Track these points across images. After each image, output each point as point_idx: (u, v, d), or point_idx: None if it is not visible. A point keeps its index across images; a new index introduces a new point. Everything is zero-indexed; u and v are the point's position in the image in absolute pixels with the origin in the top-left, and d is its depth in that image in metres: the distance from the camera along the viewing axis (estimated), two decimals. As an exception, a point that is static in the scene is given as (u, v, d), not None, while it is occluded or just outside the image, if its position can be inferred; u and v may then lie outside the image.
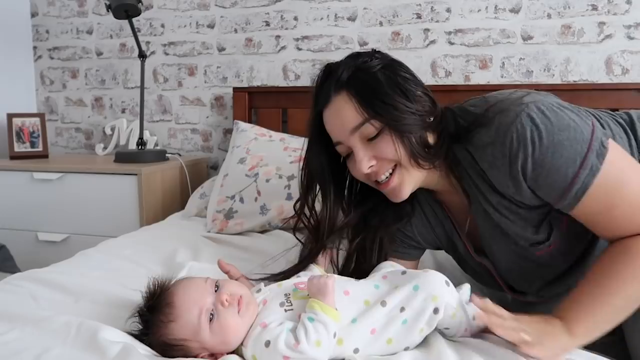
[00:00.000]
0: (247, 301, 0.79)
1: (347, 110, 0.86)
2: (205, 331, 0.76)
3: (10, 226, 1.98)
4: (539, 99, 0.82)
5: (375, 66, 0.87)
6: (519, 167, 0.79)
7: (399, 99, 0.85)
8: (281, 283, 0.85)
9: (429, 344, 0.80)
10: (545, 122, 0.77)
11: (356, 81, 0.87)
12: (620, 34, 1.79)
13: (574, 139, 0.76)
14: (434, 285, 0.78)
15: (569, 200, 0.78)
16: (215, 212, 1.61)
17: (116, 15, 1.94)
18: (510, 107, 0.81)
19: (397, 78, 0.87)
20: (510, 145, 0.79)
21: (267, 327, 0.74)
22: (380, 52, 0.93)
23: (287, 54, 2.13)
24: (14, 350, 0.72)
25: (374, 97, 0.85)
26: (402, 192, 0.90)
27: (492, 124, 0.82)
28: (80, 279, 1.06)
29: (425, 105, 0.88)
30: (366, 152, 0.87)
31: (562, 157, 0.76)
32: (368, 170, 0.87)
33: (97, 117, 2.44)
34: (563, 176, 0.77)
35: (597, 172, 0.76)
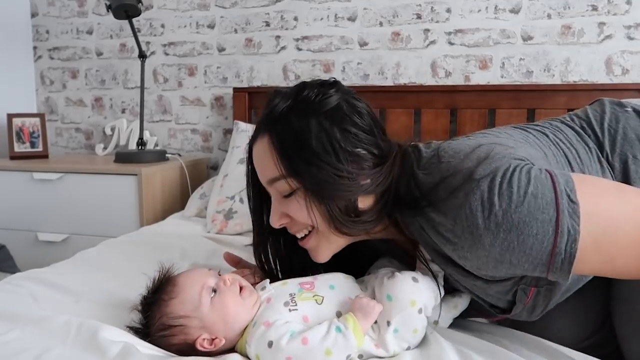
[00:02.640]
0: (250, 290, 0.81)
1: (266, 160, 0.78)
2: (205, 305, 0.76)
3: (10, 226, 1.98)
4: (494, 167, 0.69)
5: (314, 110, 0.76)
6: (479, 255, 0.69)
7: (327, 158, 0.73)
8: (286, 281, 0.84)
9: (429, 343, 0.80)
10: (499, 202, 0.66)
11: (283, 126, 0.76)
12: (620, 34, 1.79)
13: (536, 208, 0.65)
14: (405, 290, 0.77)
15: (558, 274, 0.66)
16: (215, 212, 1.61)
17: (116, 15, 1.94)
18: (460, 186, 0.69)
19: (334, 130, 0.74)
20: (463, 235, 0.69)
21: (270, 325, 0.74)
22: (337, 86, 0.80)
23: (287, 54, 2.13)
24: (14, 350, 0.72)
25: (295, 151, 0.74)
26: (320, 256, 0.83)
27: (441, 206, 0.71)
28: (80, 279, 1.06)
29: (365, 167, 0.75)
30: (279, 207, 0.80)
31: (530, 235, 0.65)
32: (278, 226, 0.82)
33: (97, 117, 2.44)
34: (540, 252, 0.65)
35: (578, 236, 0.64)
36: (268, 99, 0.82)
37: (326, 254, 0.83)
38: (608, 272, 0.69)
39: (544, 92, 1.80)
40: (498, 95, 1.84)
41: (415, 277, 0.79)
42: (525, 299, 0.77)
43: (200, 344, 0.76)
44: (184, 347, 0.77)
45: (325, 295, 0.79)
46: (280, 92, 0.81)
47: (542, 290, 0.75)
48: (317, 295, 0.79)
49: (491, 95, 1.85)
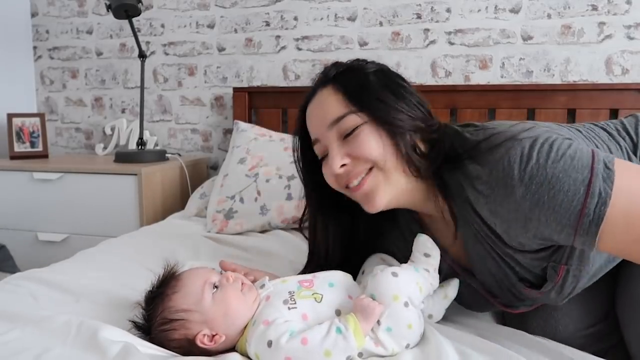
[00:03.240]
0: (249, 286, 0.81)
1: (331, 102, 0.82)
2: (207, 300, 0.77)
3: (10, 226, 1.98)
4: (538, 133, 0.73)
5: (368, 68, 0.85)
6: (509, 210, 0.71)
7: (388, 96, 0.80)
8: (286, 279, 0.84)
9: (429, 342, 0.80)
10: (536, 157, 0.69)
11: (345, 77, 0.84)
12: (620, 34, 1.79)
13: (572, 167, 0.67)
14: (385, 286, 0.77)
15: (583, 237, 0.67)
16: (215, 212, 1.61)
17: (116, 15, 1.94)
18: (503, 142, 0.73)
19: (389, 81, 0.83)
20: (496, 187, 0.71)
21: (270, 324, 0.74)
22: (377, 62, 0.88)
23: (287, 54, 2.13)
24: (14, 350, 0.72)
25: (362, 91, 0.81)
26: (377, 199, 0.81)
27: (481, 159, 0.75)
28: (80, 278, 1.06)
29: (419, 112, 0.82)
30: (340, 149, 0.81)
31: (562, 191, 0.66)
32: (340, 170, 0.81)
33: (97, 117, 2.44)
34: (568, 211, 0.66)
35: (608, 199, 0.64)
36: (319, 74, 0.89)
37: (384, 196, 0.81)
38: (634, 251, 0.68)
39: (544, 92, 1.80)
40: (498, 95, 1.84)
41: (394, 272, 0.79)
42: (556, 277, 0.77)
43: (200, 340, 0.76)
44: (185, 343, 0.77)
45: (324, 293, 0.79)
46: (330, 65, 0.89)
47: (572, 269, 0.76)
48: (317, 293, 0.79)
49: (491, 95, 1.85)
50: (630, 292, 0.83)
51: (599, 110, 1.74)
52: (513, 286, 0.84)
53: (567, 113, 1.79)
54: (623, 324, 0.84)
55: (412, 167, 0.79)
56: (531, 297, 0.84)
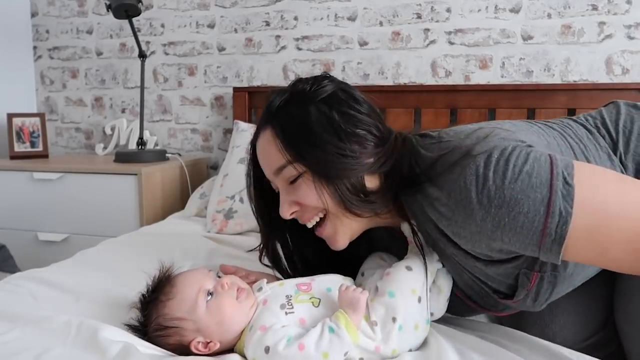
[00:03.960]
0: (247, 293, 0.80)
1: (271, 150, 0.79)
2: (201, 308, 0.76)
3: (10, 226, 1.98)
4: (492, 146, 0.69)
5: (311, 98, 0.78)
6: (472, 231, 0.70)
7: (329, 138, 0.75)
8: (283, 282, 0.84)
9: (429, 344, 0.80)
10: (493, 177, 0.66)
11: (284, 116, 0.79)
12: (620, 34, 1.79)
13: (530, 187, 0.65)
14: (404, 280, 0.79)
15: (547, 254, 0.66)
16: (215, 212, 1.61)
17: (116, 15, 1.94)
18: (457, 160, 0.71)
19: (332, 114, 0.76)
20: (456, 209, 0.69)
21: (267, 330, 0.73)
22: (330, 78, 0.83)
23: (287, 54, 2.13)
24: (14, 350, 0.72)
25: (298, 136, 0.76)
26: (339, 242, 0.82)
27: (438, 180, 0.73)
28: (80, 278, 1.06)
29: (367, 146, 0.77)
30: (288, 196, 0.80)
31: (521, 213, 0.65)
32: (289, 216, 0.81)
33: (97, 117, 2.44)
34: (530, 231, 0.65)
35: (569, 218, 0.63)
36: (266, 99, 0.84)
37: (344, 239, 0.82)
38: (601, 263, 0.68)
39: (544, 92, 1.80)
40: (498, 95, 1.84)
41: (408, 265, 0.80)
42: (528, 284, 0.76)
43: (194, 347, 0.76)
44: (179, 347, 0.78)
45: (322, 297, 0.78)
46: (275, 91, 0.83)
47: (546, 276, 0.75)
48: (314, 297, 0.78)
49: (491, 95, 1.85)
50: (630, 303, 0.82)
51: (599, 110, 1.74)
52: (489, 296, 0.84)
53: (567, 113, 1.78)
54: (623, 335, 0.83)
55: (359, 210, 0.77)
56: (508, 306, 0.83)
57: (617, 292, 0.85)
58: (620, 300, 0.84)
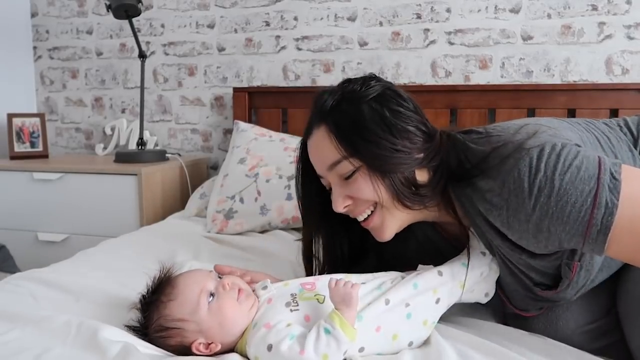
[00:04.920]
0: (247, 294, 0.80)
1: (325, 146, 0.82)
2: (203, 310, 0.76)
3: (10, 226, 1.97)
4: (544, 141, 0.74)
5: (362, 97, 0.82)
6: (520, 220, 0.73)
7: (383, 134, 0.79)
8: (287, 282, 0.84)
9: (429, 343, 0.80)
10: (544, 168, 0.70)
11: (338, 114, 0.82)
12: (620, 34, 1.79)
13: (579, 179, 0.68)
14: (431, 280, 0.83)
15: (592, 245, 0.70)
16: (215, 212, 1.61)
17: (116, 15, 1.94)
18: (511, 154, 0.74)
19: (384, 111, 0.80)
20: (509, 198, 0.73)
21: (271, 328, 0.73)
22: (377, 78, 0.87)
23: (287, 54, 2.13)
24: (14, 350, 0.72)
25: (353, 132, 0.80)
26: (385, 233, 0.85)
27: (492, 172, 0.76)
28: (80, 279, 1.06)
29: (416, 141, 0.81)
30: (342, 190, 0.83)
31: (569, 203, 0.68)
32: (343, 210, 0.85)
33: (97, 117, 2.44)
34: (577, 222, 0.69)
35: (615, 209, 0.66)
36: (315, 99, 0.87)
37: (391, 230, 0.85)
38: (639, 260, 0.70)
39: (544, 92, 1.80)
40: (498, 95, 1.84)
41: (440, 270, 0.84)
42: (570, 274, 0.79)
43: (196, 348, 0.76)
44: (181, 348, 0.78)
45: (326, 294, 0.78)
46: (326, 91, 0.87)
47: (585, 265, 0.78)
48: (319, 294, 0.79)
49: (491, 95, 1.85)
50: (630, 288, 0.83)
51: (598, 110, 1.74)
52: (529, 290, 0.86)
53: (567, 113, 1.78)
54: (623, 320, 0.84)
55: (410, 203, 0.81)
56: (547, 298, 0.85)
57: (621, 280, 0.86)
58: (623, 288, 0.85)
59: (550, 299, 0.86)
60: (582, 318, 0.88)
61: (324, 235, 0.98)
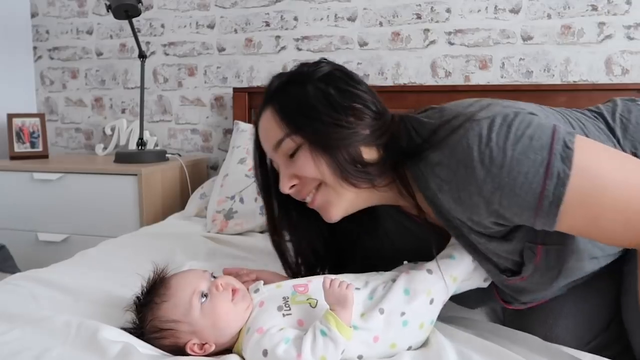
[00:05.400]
0: (243, 294, 0.80)
1: (271, 126, 0.82)
2: (196, 311, 0.76)
3: (10, 226, 1.97)
4: (496, 112, 0.71)
5: (309, 77, 0.81)
6: (471, 193, 0.70)
7: (325, 110, 0.78)
8: (280, 284, 0.83)
9: (429, 343, 0.80)
10: (495, 138, 0.68)
11: (282, 94, 0.82)
12: (620, 34, 1.79)
13: (530, 148, 0.66)
14: (421, 283, 0.80)
15: (544, 218, 0.67)
16: (215, 212, 1.61)
17: (116, 15, 1.94)
18: (461, 124, 0.72)
19: (329, 89, 0.79)
20: (457, 169, 0.70)
21: (264, 333, 0.73)
22: (326, 61, 0.86)
23: (287, 54, 2.13)
24: (14, 350, 0.72)
25: (296, 110, 0.80)
26: (331, 212, 0.83)
27: (441, 144, 0.73)
28: (80, 279, 1.06)
29: (363, 118, 0.79)
30: (287, 169, 0.82)
31: (521, 174, 0.66)
32: (289, 190, 0.83)
33: (97, 117, 2.44)
34: (529, 193, 0.66)
35: (567, 180, 0.64)
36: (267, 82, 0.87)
37: (337, 210, 0.83)
38: (593, 233, 0.69)
39: (544, 92, 1.80)
40: (498, 95, 1.81)
41: (429, 269, 0.82)
42: (534, 258, 0.76)
43: (190, 348, 0.76)
44: (175, 349, 0.78)
45: (319, 298, 0.77)
46: (275, 75, 0.88)
47: (553, 249, 0.75)
48: (311, 298, 0.78)
49: (491, 95, 1.80)
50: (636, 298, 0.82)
51: (599, 111, 1.74)
52: (498, 277, 0.84)
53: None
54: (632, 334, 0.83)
55: (355, 180, 0.78)
56: (518, 287, 0.83)
57: (624, 292, 0.85)
58: (627, 299, 0.84)
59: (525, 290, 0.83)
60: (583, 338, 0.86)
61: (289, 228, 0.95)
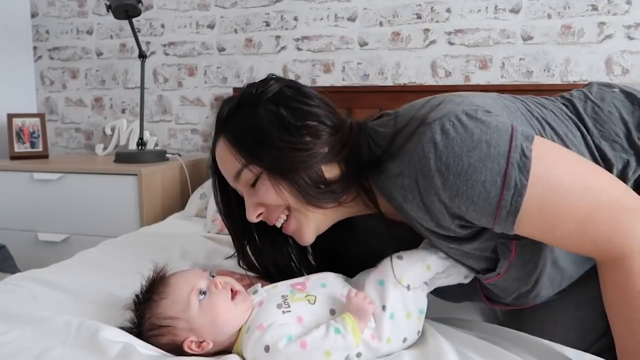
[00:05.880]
0: (244, 296, 0.80)
1: (226, 157, 0.79)
2: (194, 308, 0.76)
3: (10, 226, 1.98)
4: (447, 111, 0.69)
5: (258, 100, 0.78)
6: (433, 200, 0.69)
7: (278, 134, 0.74)
8: (276, 284, 0.83)
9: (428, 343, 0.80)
10: (451, 144, 0.66)
11: (234, 122, 0.79)
12: (620, 34, 1.79)
13: (487, 156, 0.65)
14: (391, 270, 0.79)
15: (502, 226, 0.68)
16: (215, 212, 1.61)
17: (116, 15, 1.94)
18: (415, 130, 0.70)
19: (279, 110, 0.76)
20: (417, 178, 0.69)
21: (265, 329, 0.73)
22: (277, 78, 0.82)
23: (287, 54, 2.13)
24: (14, 350, 0.72)
25: (248, 138, 0.76)
26: (305, 236, 0.81)
27: (399, 154, 0.72)
28: (80, 279, 1.06)
29: (320, 135, 0.76)
30: (251, 199, 0.80)
31: (478, 182, 0.65)
32: (256, 219, 0.81)
33: (97, 117, 2.45)
34: (486, 202, 0.66)
35: (524, 190, 0.64)
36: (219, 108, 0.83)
37: (309, 234, 0.81)
38: (549, 239, 0.69)
39: (544, 92, 1.78)
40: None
41: (399, 255, 0.81)
42: (509, 254, 0.75)
43: (187, 346, 0.76)
44: (173, 347, 0.77)
45: (317, 294, 0.78)
46: (225, 100, 0.83)
47: (528, 242, 0.73)
48: (310, 295, 0.78)
49: (491, 95, 1.84)
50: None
51: (599, 111, 1.74)
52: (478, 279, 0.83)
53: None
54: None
55: (320, 202, 0.77)
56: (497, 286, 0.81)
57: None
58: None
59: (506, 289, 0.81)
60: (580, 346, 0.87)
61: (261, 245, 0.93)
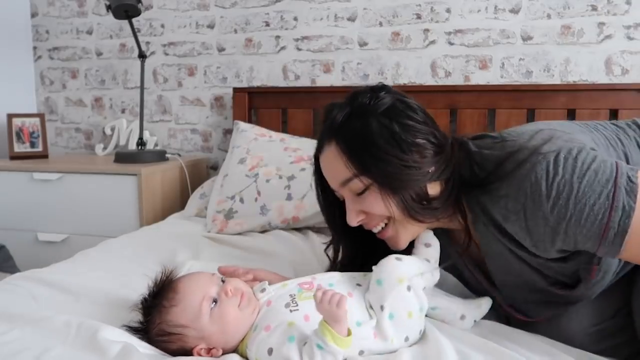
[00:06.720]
0: (249, 298, 0.80)
1: (336, 164, 0.83)
2: (205, 317, 0.76)
3: (10, 226, 1.97)
4: (560, 146, 0.75)
5: (371, 112, 0.81)
6: (538, 224, 0.74)
7: (392, 151, 0.79)
8: (286, 283, 0.84)
9: (429, 341, 0.80)
10: (562, 172, 0.72)
11: (347, 130, 0.82)
12: (620, 35, 1.79)
13: (596, 182, 0.70)
14: (391, 270, 0.80)
15: (608, 248, 0.71)
16: (215, 212, 1.61)
17: (116, 15, 1.94)
18: (527, 158, 0.75)
19: (393, 126, 0.80)
20: (525, 202, 0.74)
21: (271, 331, 0.74)
22: (386, 88, 0.86)
23: (287, 54, 2.13)
24: (14, 350, 0.72)
25: (362, 150, 0.80)
26: (400, 243, 0.87)
27: (508, 178, 0.77)
28: (80, 279, 1.06)
29: (427, 154, 0.81)
30: (354, 205, 0.84)
31: (587, 205, 0.70)
32: (356, 224, 0.86)
33: (97, 117, 2.44)
34: (594, 224, 0.70)
35: (632, 212, 0.68)
36: (325, 113, 0.88)
37: (405, 240, 0.87)
38: None
39: (543, 92, 1.80)
40: (498, 95, 1.84)
41: (398, 257, 0.82)
42: (589, 277, 0.79)
43: (197, 352, 0.77)
44: (182, 352, 0.78)
45: None
46: (335, 104, 0.87)
47: (603, 267, 0.78)
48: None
49: (491, 95, 1.85)
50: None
51: (598, 111, 1.74)
52: (542, 291, 0.86)
53: (567, 113, 1.79)
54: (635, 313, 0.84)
55: (422, 217, 0.82)
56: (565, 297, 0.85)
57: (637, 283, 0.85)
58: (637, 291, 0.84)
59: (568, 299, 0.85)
60: (587, 320, 0.87)
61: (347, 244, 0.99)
